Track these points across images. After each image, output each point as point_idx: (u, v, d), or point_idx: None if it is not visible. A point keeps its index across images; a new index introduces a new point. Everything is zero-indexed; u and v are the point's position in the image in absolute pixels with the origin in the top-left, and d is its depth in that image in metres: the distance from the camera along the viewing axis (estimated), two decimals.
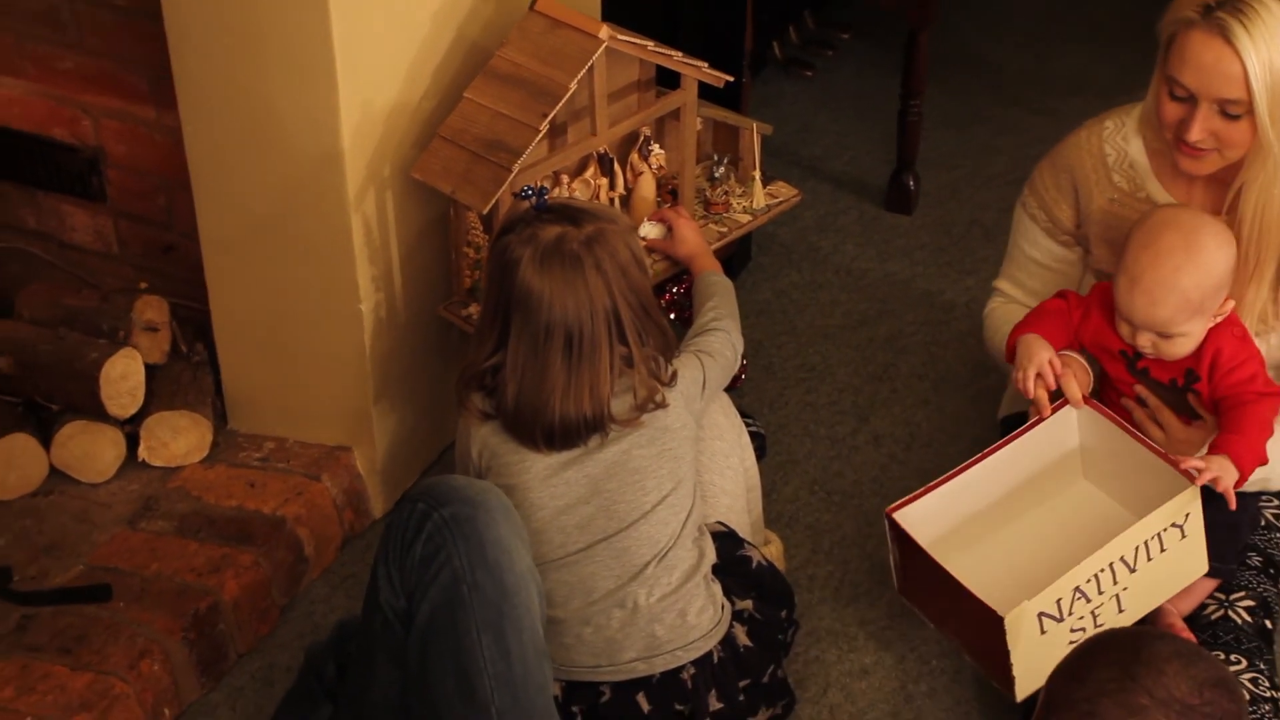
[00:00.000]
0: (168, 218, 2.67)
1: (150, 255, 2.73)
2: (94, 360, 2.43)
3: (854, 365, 2.89)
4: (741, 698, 2.15)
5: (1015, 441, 2.27)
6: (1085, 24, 3.76)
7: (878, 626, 2.42)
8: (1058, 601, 2.07)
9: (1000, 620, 2.03)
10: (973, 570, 2.16)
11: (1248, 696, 2.15)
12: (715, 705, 2.12)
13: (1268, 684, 2.18)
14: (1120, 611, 2.15)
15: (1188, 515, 2.14)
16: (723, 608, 2.15)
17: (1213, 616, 2.27)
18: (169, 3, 2.25)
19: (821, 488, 2.65)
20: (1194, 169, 2.21)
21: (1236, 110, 2.12)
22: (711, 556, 2.17)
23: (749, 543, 2.27)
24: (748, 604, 2.19)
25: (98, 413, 2.45)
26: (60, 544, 2.39)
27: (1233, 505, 2.14)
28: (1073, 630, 2.12)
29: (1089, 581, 2.10)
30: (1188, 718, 1.60)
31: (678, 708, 2.10)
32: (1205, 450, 2.20)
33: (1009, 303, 2.48)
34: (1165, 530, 2.14)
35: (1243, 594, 2.29)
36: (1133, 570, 2.13)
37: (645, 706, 2.10)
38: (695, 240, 2.43)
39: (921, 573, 2.18)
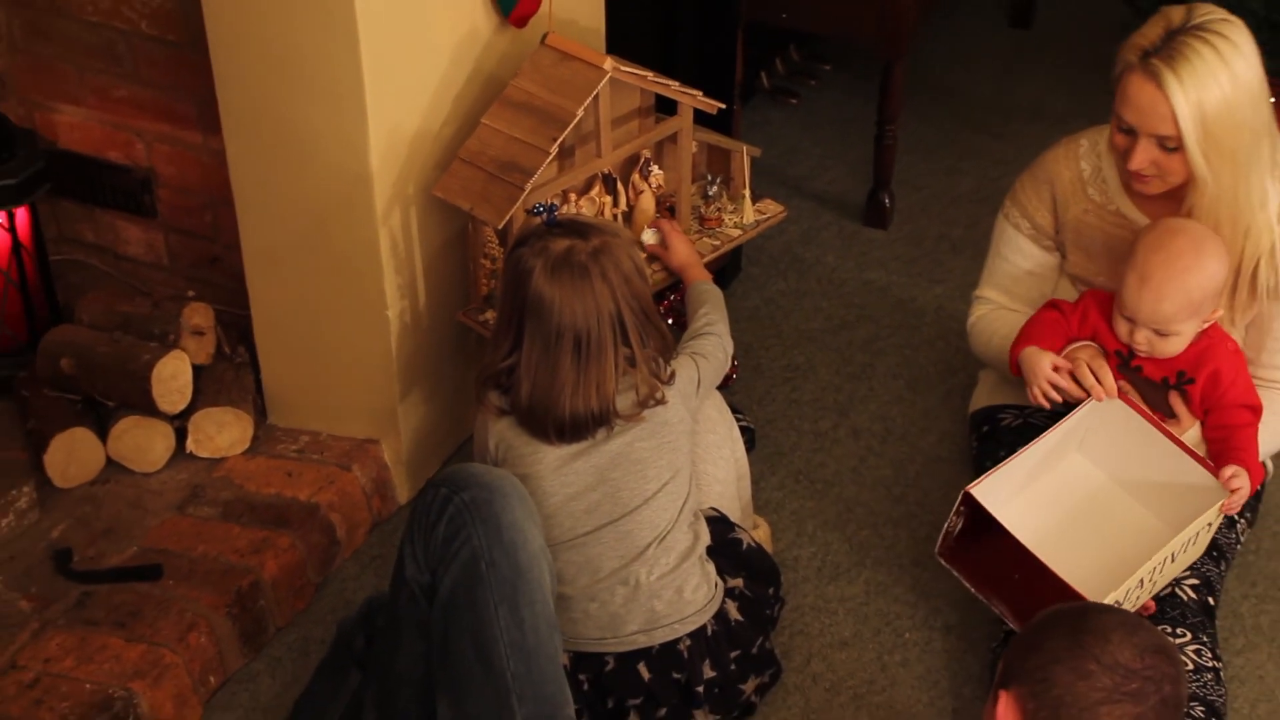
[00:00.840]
0: (213, 232, 2.67)
1: (197, 266, 2.73)
2: (146, 362, 2.43)
3: (835, 365, 2.89)
4: (733, 667, 2.15)
5: (1061, 428, 2.25)
6: (1043, 57, 3.76)
7: (856, 603, 2.43)
8: (1128, 590, 2.09)
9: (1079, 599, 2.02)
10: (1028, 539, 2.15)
11: (1192, 666, 2.16)
12: (709, 674, 2.13)
13: (1210, 655, 2.19)
14: (1152, 589, 2.19)
15: (1214, 521, 2.20)
16: (716, 585, 2.16)
17: (1162, 594, 2.27)
18: (215, 38, 2.27)
19: (805, 477, 2.65)
20: (1141, 189, 2.25)
21: (1171, 144, 2.15)
22: (706, 539, 2.18)
23: (739, 526, 2.27)
24: (738, 582, 2.19)
25: (150, 409, 2.46)
26: (116, 528, 2.39)
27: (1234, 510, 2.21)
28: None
29: (1150, 572, 2.12)
30: (1131, 680, 1.61)
31: (675, 676, 2.11)
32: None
33: (997, 309, 2.48)
34: (1200, 531, 2.18)
35: (1188, 574, 2.29)
36: (1173, 560, 2.16)
37: (646, 675, 2.10)
38: (687, 251, 2.43)
39: (983, 545, 2.16)
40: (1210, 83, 2.10)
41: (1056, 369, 2.25)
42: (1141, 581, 2.12)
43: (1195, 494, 2.20)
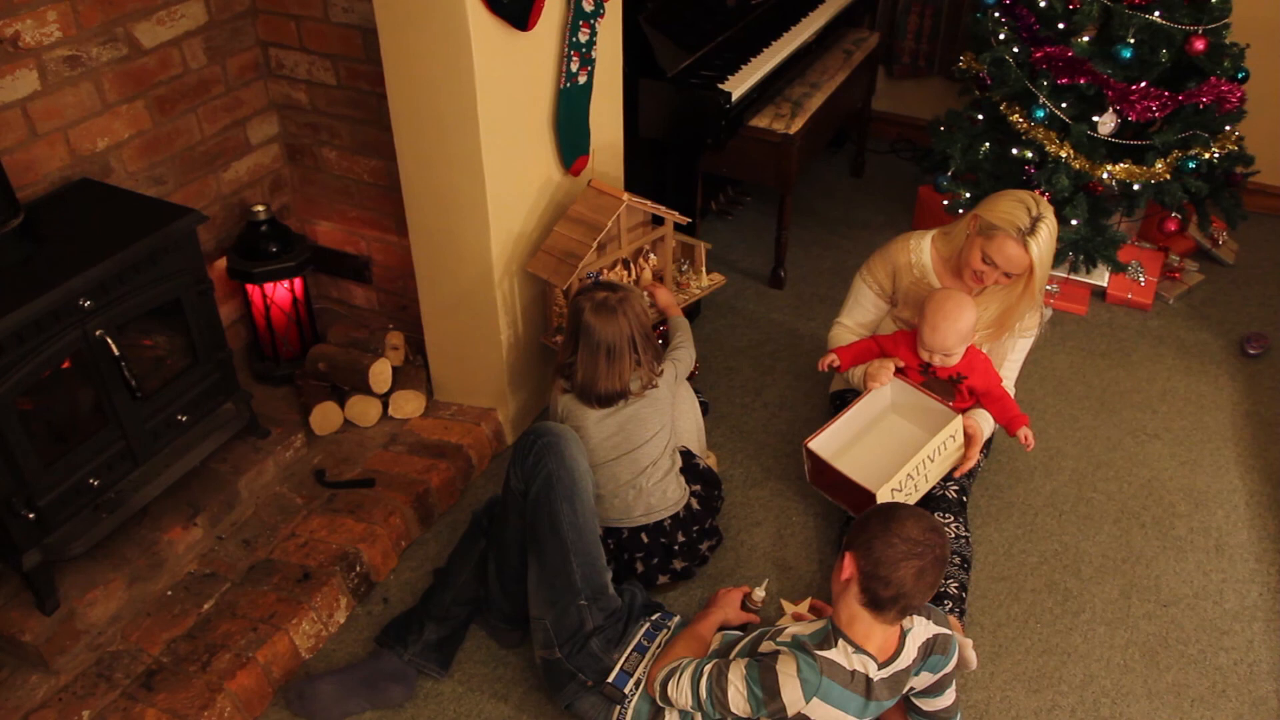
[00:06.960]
0: (403, 292, 2.68)
1: (394, 311, 2.74)
2: (366, 364, 2.45)
3: (754, 366, 2.88)
4: (694, 534, 2.16)
5: (861, 400, 2.25)
6: (869, 194, 3.74)
7: (765, 500, 2.43)
8: (900, 482, 2.07)
9: (873, 495, 2.03)
10: (850, 463, 2.15)
11: (954, 534, 2.16)
12: (680, 539, 2.13)
13: (963, 528, 2.19)
14: (925, 484, 2.18)
15: (955, 433, 2.17)
16: (684, 489, 2.16)
17: (937, 494, 2.27)
18: (406, 183, 2.27)
19: (736, 430, 2.64)
20: (973, 285, 2.23)
21: (1014, 275, 2.15)
22: (679, 463, 2.17)
23: (699, 455, 2.27)
24: (697, 487, 2.19)
25: (368, 391, 2.47)
26: (349, 458, 2.41)
27: (976, 451, 2.19)
28: (905, 498, 2.13)
29: (915, 469, 2.10)
30: (917, 547, 1.61)
31: (662, 540, 2.12)
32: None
33: (845, 330, 2.46)
34: (946, 441, 2.16)
35: (953, 484, 2.27)
36: (932, 461, 2.14)
37: (645, 540, 2.11)
38: (668, 299, 2.42)
39: (825, 470, 2.16)
40: (1047, 246, 2.10)
41: (835, 366, 2.31)
42: (911, 475, 2.09)
43: (942, 419, 2.19)
